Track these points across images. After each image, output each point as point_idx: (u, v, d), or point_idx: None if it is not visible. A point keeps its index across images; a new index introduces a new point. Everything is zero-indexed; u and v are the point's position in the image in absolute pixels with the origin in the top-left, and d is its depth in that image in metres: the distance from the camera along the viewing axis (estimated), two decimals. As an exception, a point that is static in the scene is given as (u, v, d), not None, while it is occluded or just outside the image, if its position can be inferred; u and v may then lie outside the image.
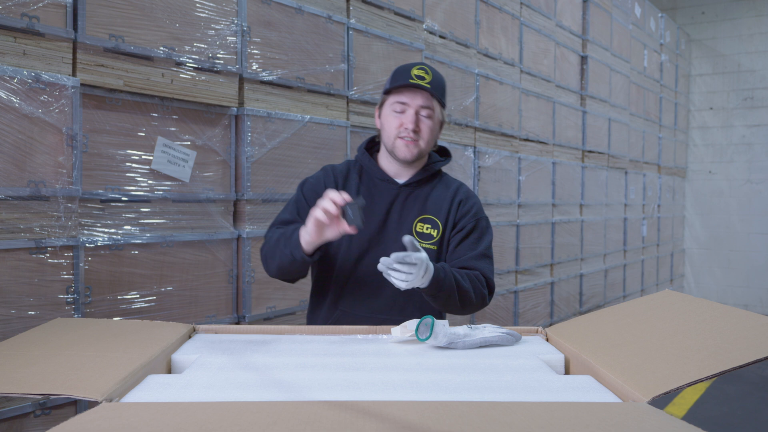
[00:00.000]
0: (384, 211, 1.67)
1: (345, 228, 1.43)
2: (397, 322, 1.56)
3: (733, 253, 7.79)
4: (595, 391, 1.07)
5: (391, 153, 1.66)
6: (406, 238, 1.42)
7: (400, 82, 1.61)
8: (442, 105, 1.67)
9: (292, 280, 1.66)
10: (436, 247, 1.67)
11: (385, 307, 1.63)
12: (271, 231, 1.66)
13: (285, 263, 1.54)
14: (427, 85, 1.60)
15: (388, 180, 1.69)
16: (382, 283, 1.53)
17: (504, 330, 1.40)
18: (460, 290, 1.56)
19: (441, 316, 1.74)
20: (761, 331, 1.06)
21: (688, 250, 8.14)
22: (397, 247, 1.53)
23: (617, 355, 1.16)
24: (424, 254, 1.43)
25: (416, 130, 1.61)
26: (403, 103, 1.62)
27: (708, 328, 1.13)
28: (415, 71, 1.61)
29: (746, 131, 7.73)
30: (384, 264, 1.40)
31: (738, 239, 7.75)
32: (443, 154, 1.80)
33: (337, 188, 1.67)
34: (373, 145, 1.77)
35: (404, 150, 1.62)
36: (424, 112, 1.62)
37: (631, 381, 1.03)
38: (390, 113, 1.64)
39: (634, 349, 1.17)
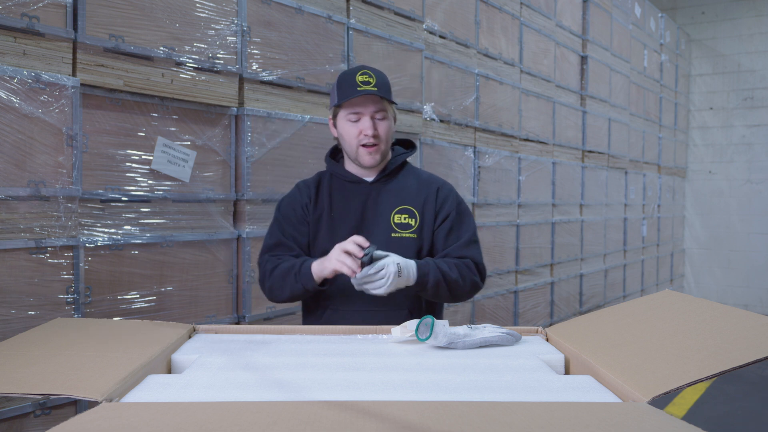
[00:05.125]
0: (359, 209, 1.74)
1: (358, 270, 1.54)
2: (387, 314, 1.67)
3: (733, 253, 7.79)
4: (595, 391, 1.07)
5: (355, 161, 1.74)
6: (366, 251, 1.52)
7: (350, 95, 1.66)
8: (392, 102, 1.74)
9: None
10: (415, 236, 1.73)
11: (373, 299, 1.65)
12: (263, 259, 1.75)
13: (298, 294, 1.68)
14: (374, 89, 1.66)
15: (358, 181, 1.77)
16: None
17: (504, 330, 1.40)
18: (448, 282, 1.66)
19: (437, 310, 1.82)
20: (761, 331, 1.06)
21: (688, 250, 8.14)
22: (377, 240, 1.64)
23: (617, 355, 1.16)
24: (389, 258, 1.54)
25: (375, 135, 1.69)
26: (357, 113, 1.69)
27: (708, 328, 1.13)
28: (359, 78, 1.67)
29: (746, 131, 7.73)
30: (356, 283, 1.55)
31: (738, 239, 7.74)
32: (408, 146, 1.87)
33: (311, 198, 1.77)
34: (336, 152, 1.85)
35: (368, 158, 1.71)
36: (378, 116, 1.70)
37: (631, 381, 1.03)
38: (346, 123, 1.71)
39: (634, 349, 1.16)
